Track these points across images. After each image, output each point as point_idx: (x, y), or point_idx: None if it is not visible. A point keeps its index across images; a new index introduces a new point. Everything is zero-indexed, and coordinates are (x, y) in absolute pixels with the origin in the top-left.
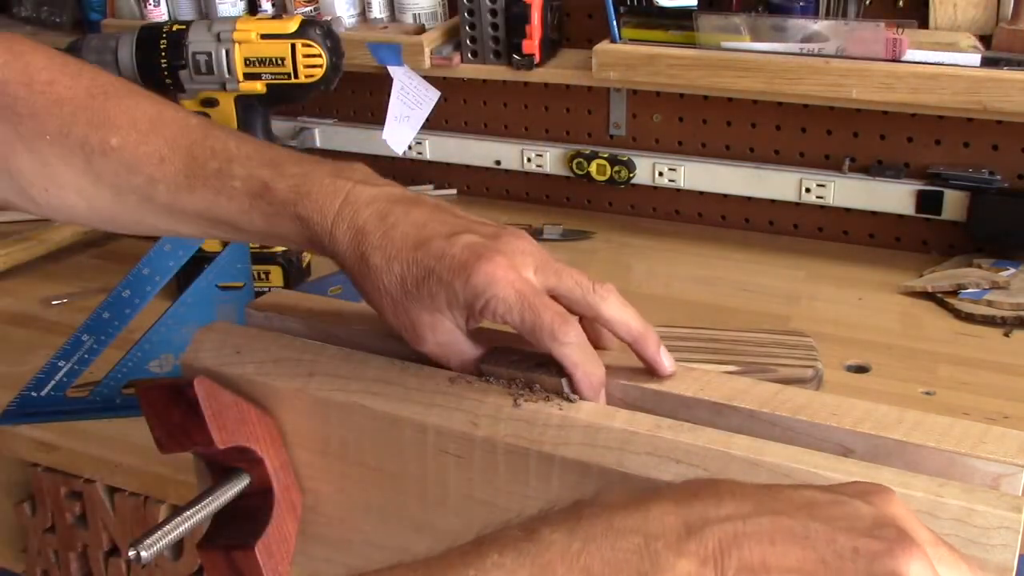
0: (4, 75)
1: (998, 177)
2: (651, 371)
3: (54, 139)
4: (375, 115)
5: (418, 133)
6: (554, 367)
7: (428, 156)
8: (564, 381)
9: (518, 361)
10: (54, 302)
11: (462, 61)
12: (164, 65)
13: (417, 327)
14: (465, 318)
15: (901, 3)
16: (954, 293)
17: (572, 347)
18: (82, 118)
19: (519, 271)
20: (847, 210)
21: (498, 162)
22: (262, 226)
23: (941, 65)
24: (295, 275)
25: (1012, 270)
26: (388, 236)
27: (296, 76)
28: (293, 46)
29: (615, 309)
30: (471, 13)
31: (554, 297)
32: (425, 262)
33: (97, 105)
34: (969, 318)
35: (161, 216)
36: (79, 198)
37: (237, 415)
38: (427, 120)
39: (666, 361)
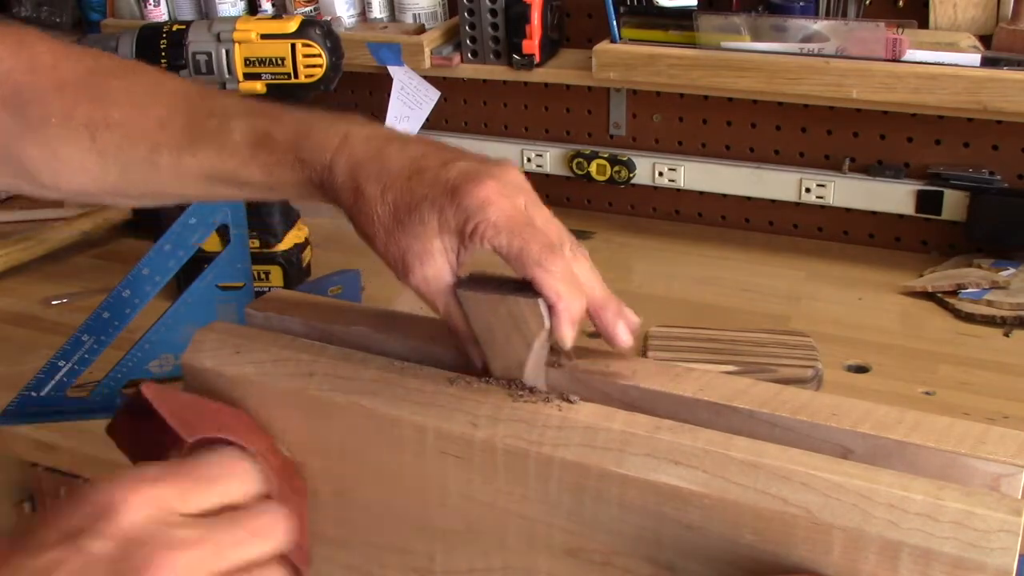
0: (9, 64)
1: (998, 177)
2: (607, 340)
3: (59, 121)
4: (375, 115)
5: (418, 133)
6: (532, 291)
7: None
8: (540, 301)
9: (496, 285)
10: (54, 302)
11: (462, 61)
12: (164, 65)
13: (406, 257)
14: (456, 247)
15: (901, 3)
16: (954, 293)
17: (556, 277)
18: (84, 97)
19: (511, 199)
20: (847, 210)
21: None
22: (262, 177)
23: (941, 65)
24: (295, 275)
25: (1012, 270)
26: (384, 168)
27: (296, 76)
28: (293, 46)
29: (584, 272)
30: (471, 13)
31: None
32: (419, 190)
33: (97, 82)
34: (969, 318)
35: (167, 181)
36: (87, 177)
37: (198, 409)
38: (427, 120)
39: (623, 333)
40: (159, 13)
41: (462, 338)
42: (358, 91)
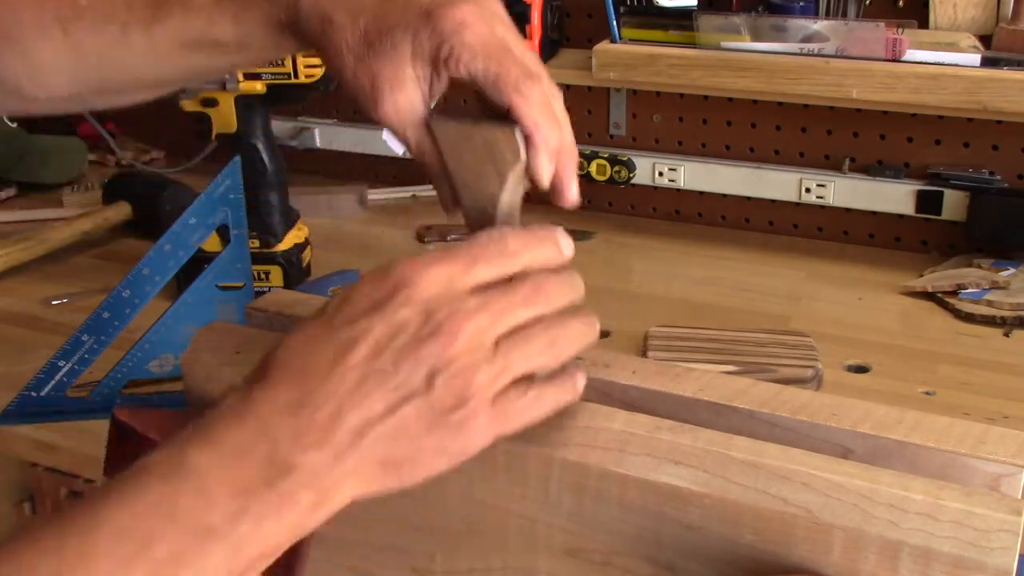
0: None
1: (998, 177)
2: (558, 192)
3: (31, 23)
4: None
5: None
6: (508, 122)
7: None
8: (517, 130)
9: (470, 116)
10: (54, 302)
11: None
12: None
13: (376, 84)
14: (430, 77)
15: (901, 3)
16: (954, 293)
17: (534, 105)
18: None
19: (488, 23)
20: (847, 210)
21: None
22: (232, 30)
23: (941, 65)
24: (295, 275)
25: (1012, 270)
26: None
27: (296, 76)
28: None
29: (560, 109)
30: None
31: None
32: (392, 14)
33: None
34: (969, 318)
35: (142, 62)
36: (68, 76)
37: (171, 421)
38: None
39: (575, 189)
40: None
41: (433, 173)
42: None
